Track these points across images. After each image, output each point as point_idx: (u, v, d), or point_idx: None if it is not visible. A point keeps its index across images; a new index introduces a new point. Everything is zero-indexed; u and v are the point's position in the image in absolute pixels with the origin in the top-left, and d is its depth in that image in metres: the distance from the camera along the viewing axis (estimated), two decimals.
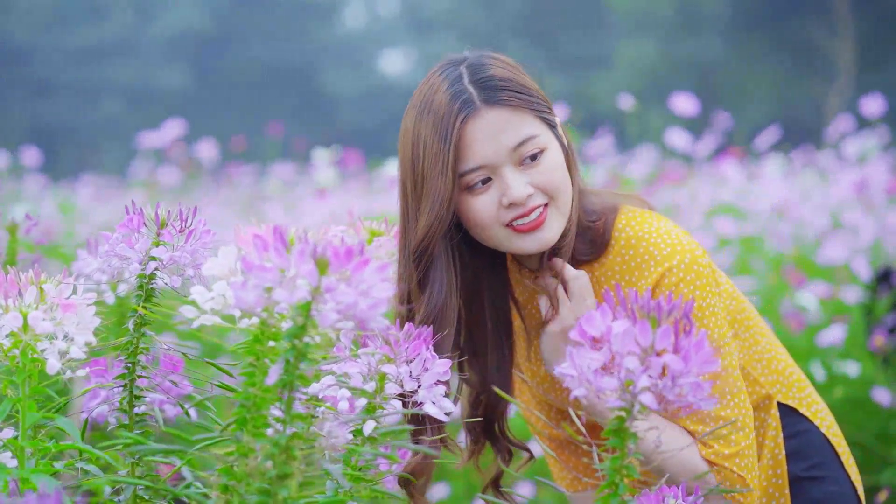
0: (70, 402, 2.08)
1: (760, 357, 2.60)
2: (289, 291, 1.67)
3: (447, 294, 2.42)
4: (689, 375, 1.75)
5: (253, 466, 1.68)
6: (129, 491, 1.98)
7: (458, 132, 2.35)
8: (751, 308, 2.64)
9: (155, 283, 2.03)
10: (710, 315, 2.41)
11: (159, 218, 2.02)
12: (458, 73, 2.41)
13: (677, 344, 1.76)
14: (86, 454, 1.92)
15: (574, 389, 1.78)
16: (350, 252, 1.70)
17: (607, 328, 1.78)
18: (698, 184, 6.50)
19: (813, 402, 2.65)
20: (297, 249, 1.68)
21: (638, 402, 1.75)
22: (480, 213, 2.39)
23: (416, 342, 2.00)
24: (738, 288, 4.91)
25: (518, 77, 2.43)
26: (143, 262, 2.00)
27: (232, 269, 1.84)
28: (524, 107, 2.38)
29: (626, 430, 1.79)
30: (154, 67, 30.65)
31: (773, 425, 2.59)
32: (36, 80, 29.68)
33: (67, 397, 2.02)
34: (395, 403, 1.97)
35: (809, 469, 2.60)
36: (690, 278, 2.40)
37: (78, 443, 1.81)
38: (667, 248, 2.42)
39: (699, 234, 5.67)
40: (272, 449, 1.70)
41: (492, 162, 2.37)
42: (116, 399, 2.05)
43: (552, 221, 2.40)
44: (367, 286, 1.70)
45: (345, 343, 2.01)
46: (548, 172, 2.38)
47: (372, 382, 1.98)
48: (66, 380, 1.81)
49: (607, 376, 1.76)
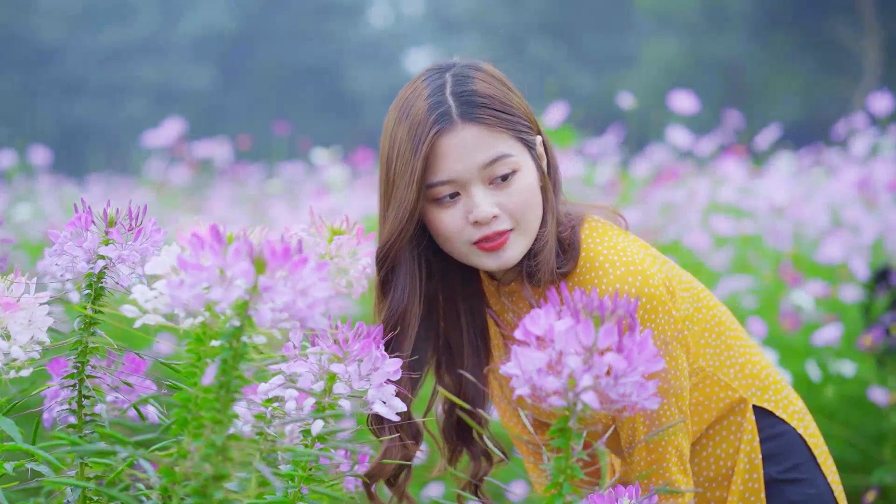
0: (30, 400, 2.08)
1: (733, 362, 2.58)
2: (225, 290, 1.66)
3: (408, 300, 2.42)
4: (632, 374, 1.74)
5: (189, 467, 1.67)
6: (77, 491, 1.97)
7: (430, 145, 2.34)
8: (723, 312, 2.62)
9: (105, 282, 2.02)
10: (661, 345, 2.40)
11: (107, 216, 2.00)
12: (441, 83, 2.40)
13: (620, 343, 1.74)
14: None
15: (518, 389, 1.76)
16: (287, 251, 1.68)
17: (550, 327, 1.76)
18: (698, 182, 6.46)
19: (790, 404, 2.62)
20: (233, 248, 1.67)
21: (580, 401, 1.73)
22: (446, 227, 2.38)
23: (365, 341, 1.99)
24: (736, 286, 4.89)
25: (501, 94, 2.40)
26: (92, 260, 1.99)
27: (175, 268, 1.82)
28: (501, 126, 2.37)
29: (570, 430, 1.77)
30: (180, 67, 30.72)
31: (749, 429, 2.56)
32: (63, 79, 29.78)
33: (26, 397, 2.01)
34: (345, 403, 1.96)
35: (786, 471, 2.58)
36: (641, 303, 2.37)
37: (19, 443, 1.80)
38: (621, 266, 2.39)
39: (696, 234, 5.65)
40: (208, 450, 1.68)
41: (461, 178, 2.36)
42: (66, 399, 2.04)
43: (515, 243, 2.39)
44: (305, 285, 1.68)
45: (294, 342, 1.99)
46: (517, 194, 2.37)
47: (321, 382, 1.97)
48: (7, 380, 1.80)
49: (551, 376, 1.74)
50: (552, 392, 1.74)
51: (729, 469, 2.57)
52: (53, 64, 29.90)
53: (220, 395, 1.70)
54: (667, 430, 2.43)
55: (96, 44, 30.27)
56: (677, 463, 2.45)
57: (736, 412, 2.57)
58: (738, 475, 2.55)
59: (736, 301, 5.39)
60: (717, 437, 2.57)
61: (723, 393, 2.56)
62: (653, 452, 2.43)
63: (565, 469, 1.79)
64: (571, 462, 1.79)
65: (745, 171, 6.84)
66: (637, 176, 7.15)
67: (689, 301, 2.52)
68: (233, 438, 1.69)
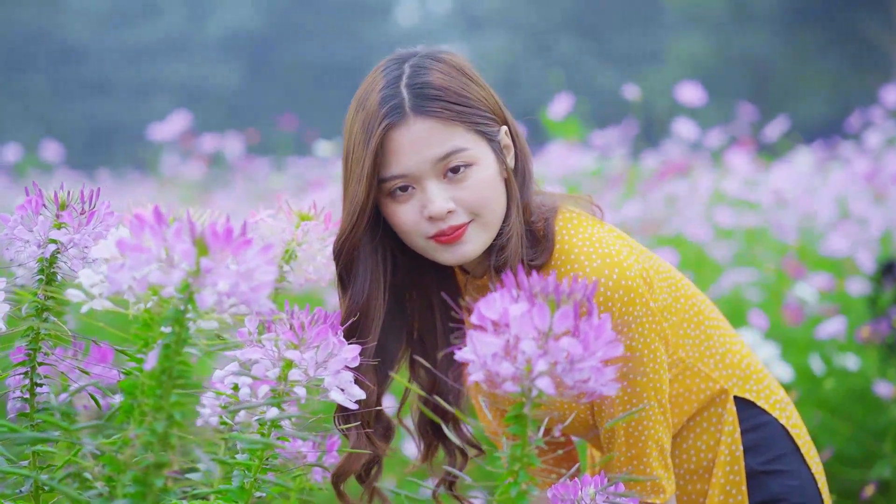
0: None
1: (714, 352, 2.52)
2: (165, 273, 1.61)
3: (370, 292, 2.36)
4: (589, 360, 1.68)
5: (129, 455, 1.62)
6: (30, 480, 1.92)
7: (380, 139, 2.28)
8: (702, 301, 2.56)
9: (57, 266, 1.97)
10: (640, 337, 2.34)
11: (58, 199, 1.95)
12: (398, 73, 2.33)
13: (577, 327, 1.68)
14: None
15: (472, 374, 1.71)
16: (230, 232, 1.63)
17: (504, 311, 1.70)
18: (701, 175, 6.39)
19: (771, 394, 2.56)
20: (174, 229, 1.62)
21: (535, 387, 1.68)
22: (402, 222, 2.33)
23: (322, 327, 1.93)
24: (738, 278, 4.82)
25: (457, 85, 2.33)
26: (42, 245, 1.94)
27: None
28: (455, 119, 2.30)
29: (526, 418, 1.72)
30: (208, 66, 30.73)
31: (730, 420, 2.51)
32: (92, 78, 29.86)
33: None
34: (300, 391, 1.91)
35: (768, 462, 2.52)
36: (618, 296, 2.31)
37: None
38: (597, 259, 2.33)
39: (698, 226, 5.58)
40: (149, 437, 1.63)
41: (413, 172, 2.29)
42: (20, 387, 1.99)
43: (474, 236, 2.33)
44: (249, 268, 1.63)
45: (249, 328, 1.94)
46: (472, 188, 2.30)
47: (276, 369, 1.92)
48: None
49: (506, 361, 1.69)
50: (507, 378, 1.68)
51: (710, 461, 2.51)
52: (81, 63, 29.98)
53: (163, 382, 1.65)
54: (647, 424, 2.38)
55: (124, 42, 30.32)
56: (658, 458, 2.39)
57: (716, 403, 2.51)
58: (719, 467, 2.49)
59: (739, 294, 5.32)
60: (698, 429, 2.51)
61: (703, 384, 2.50)
62: (633, 447, 2.38)
63: (521, 457, 1.73)
64: (528, 450, 1.73)
65: (754, 164, 6.76)
66: (646, 169, 7.07)
67: (667, 291, 2.46)
68: (175, 425, 1.64)
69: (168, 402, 1.65)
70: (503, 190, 2.36)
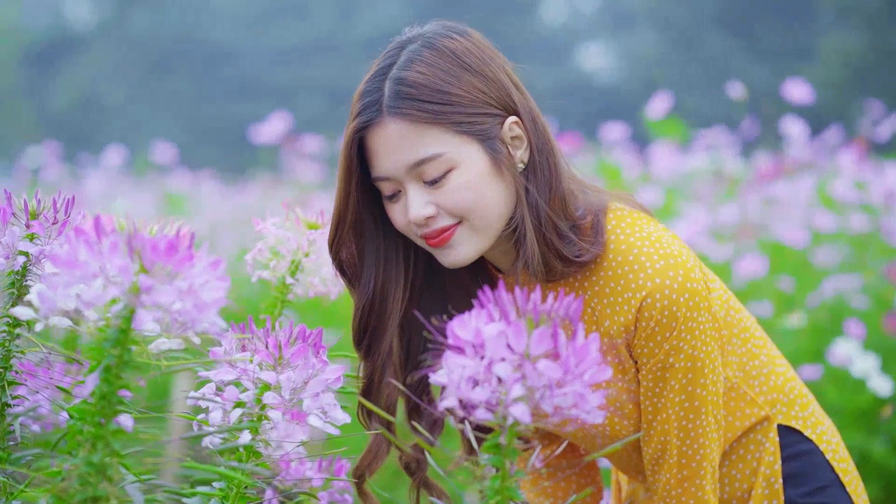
0: None
1: (758, 373, 2.31)
2: (99, 291, 1.48)
3: (383, 290, 2.22)
4: (571, 384, 1.51)
5: (62, 488, 1.49)
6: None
7: (354, 138, 2.13)
8: (748, 317, 2.35)
9: (29, 280, 1.86)
10: (702, 346, 2.14)
11: (28, 208, 1.84)
12: (391, 62, 2.16)
13: (556, 348, 1.52)
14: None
15: (445, 400, 1.55)
16: (172, 246, 1.50)
17: (478, 331, 1.54)
18: (802, 176, 6.11)
19: (818, 423, 2.35)
20: (109, 242, 1.49)
21: (509, 414, 1.51)
22: (396, 223, 2.18)
23: (300, 346, 1.79)
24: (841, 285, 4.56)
25: (439, 81, 2.12)
26: (11, 256, 1.83)
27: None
28: (429, 122, 2.10)
29: (502, 447, 1.55)
30: (356, 66, 30.93)
31: (771, 450, 2.30)
32: (238, 80, 30.28)
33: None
34: (274, 415, 1.77)
35: (809, 494, 2.31)
36: (684, 299, 2.11)
37: None
38: (659, 259, 2.13)
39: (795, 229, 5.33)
40: (85, 468, 1.51)
41: (393, 176, 2.13)
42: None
43: (464, 239, 2.14)
44: (192, 284, 1.50)
45: (226, 347, 1.81)
46: (452, 193, 2.11)
47: (250, 392, 1.78)
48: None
49: (479, 386, 1.53)
50: (480, 403, 1.52)
51: (744, 492, 2.31)
52: (227, 65, 30.42)
53: (102, 407, 1.52)
54: (703, 443, 2.19)
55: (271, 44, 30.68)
56: (711, 481, 2.20)
57: (758, 430, 2.31)
58: (756, 500, 2.29)
59: (842, 301, 5.04)
60: (734, 456, 2.31)
61: (748, 409, 2.29)
62: (685, 468, 2.19)
63: (501, 490, 1.57)
64: (508, 483, 1.57)
65: (865, 164, 6.45)
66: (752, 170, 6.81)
67: (719, 301, 2.27)
68: (114, 455, 1.51)
69: (109, 429, 1.52)
70: (500, 188, 2.14)
